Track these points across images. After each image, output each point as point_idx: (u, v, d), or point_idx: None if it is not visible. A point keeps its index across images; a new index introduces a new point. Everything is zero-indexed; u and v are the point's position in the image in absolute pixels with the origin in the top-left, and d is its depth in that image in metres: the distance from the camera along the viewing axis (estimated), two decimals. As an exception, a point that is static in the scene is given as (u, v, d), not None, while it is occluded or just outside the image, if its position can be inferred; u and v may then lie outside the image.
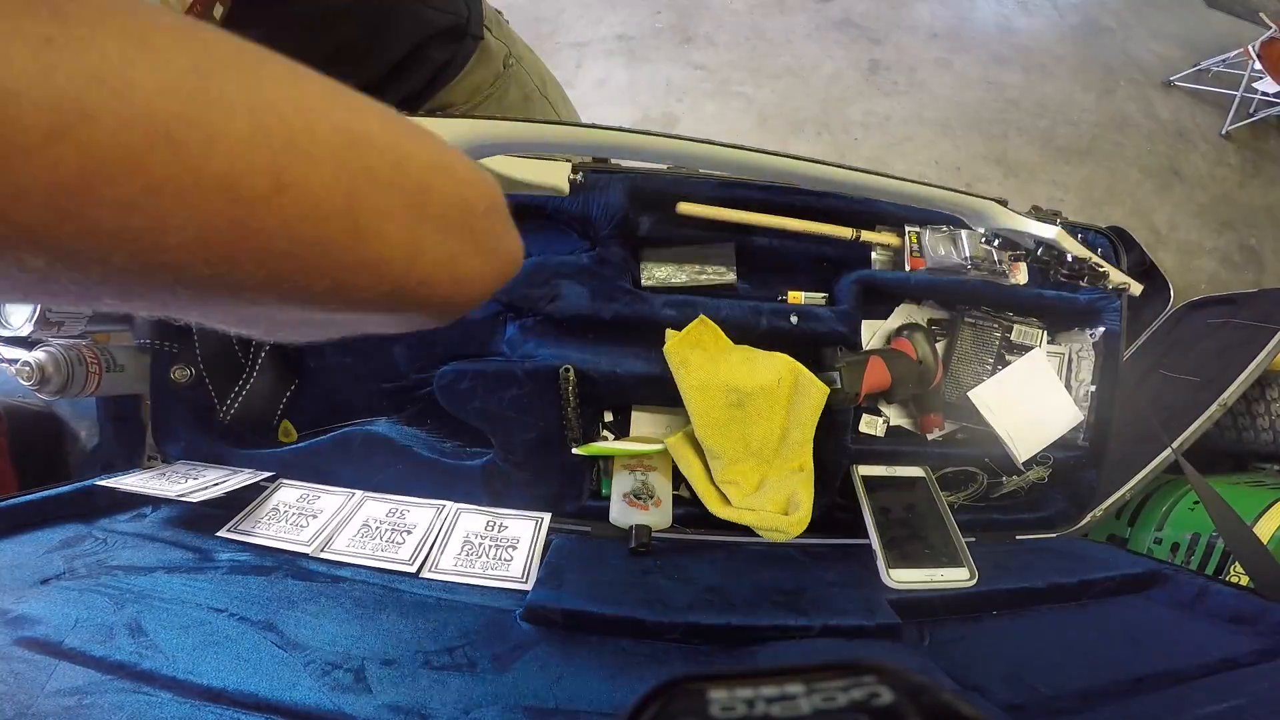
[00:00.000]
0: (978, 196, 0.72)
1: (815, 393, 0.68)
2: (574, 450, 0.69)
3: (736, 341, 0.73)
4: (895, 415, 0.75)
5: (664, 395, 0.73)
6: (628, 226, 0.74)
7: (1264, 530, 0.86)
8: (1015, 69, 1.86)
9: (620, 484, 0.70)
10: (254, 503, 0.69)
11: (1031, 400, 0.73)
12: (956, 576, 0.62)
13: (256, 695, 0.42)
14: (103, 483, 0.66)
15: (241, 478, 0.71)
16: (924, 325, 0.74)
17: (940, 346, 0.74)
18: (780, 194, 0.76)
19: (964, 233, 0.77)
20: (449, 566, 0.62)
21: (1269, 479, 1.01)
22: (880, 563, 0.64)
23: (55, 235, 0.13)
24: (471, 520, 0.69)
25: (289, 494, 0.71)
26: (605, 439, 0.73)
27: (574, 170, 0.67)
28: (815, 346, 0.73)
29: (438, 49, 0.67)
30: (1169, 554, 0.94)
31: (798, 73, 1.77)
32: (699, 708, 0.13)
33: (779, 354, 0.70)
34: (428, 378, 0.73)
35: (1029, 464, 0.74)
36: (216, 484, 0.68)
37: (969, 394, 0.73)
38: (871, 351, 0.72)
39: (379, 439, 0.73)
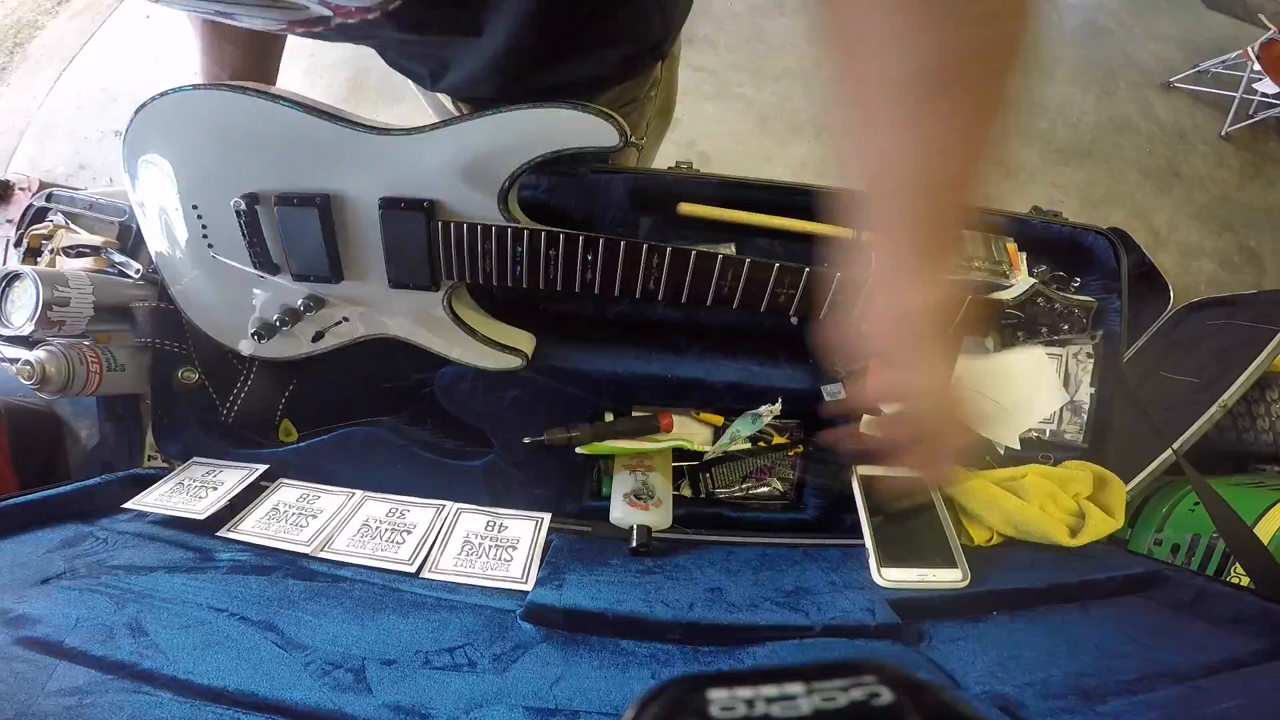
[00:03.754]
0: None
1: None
2: (576, 449, 0.69)
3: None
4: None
5: (664, 395, 0.73)
6: (628, 227, 0.74)
7: (1264, 531, 0.86)
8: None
9: (621, 484, 0.70)
10: (254, 502, 0.69)
11: (1016, 389, 0.72)
12: (949, 577, 0.62)
13: (257, 695, 0.42)
14: (129, 505, 0.65)
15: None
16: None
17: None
18: (781, 195, 0.76)
19: (964, 232, 0.77)
20: (449, 566, 0.62)
21: (1269, 480, 1.01)
22: (872, 561, 0.64)
23: None
24: (471, 520, 0.69)
25: (289, 494, 0.71)
26: (605, 439, 0.73)
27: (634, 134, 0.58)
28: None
29: (627, 48, 0.62)
30: (1169, 555, 0.94)
31: (798, 74, 1.77)
32: (699, 708, 0.13)
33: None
34: (428, 378, 0.73)
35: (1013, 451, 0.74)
36: (238, 491, 0.68)
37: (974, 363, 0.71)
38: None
39: (379, 439, 0.73)
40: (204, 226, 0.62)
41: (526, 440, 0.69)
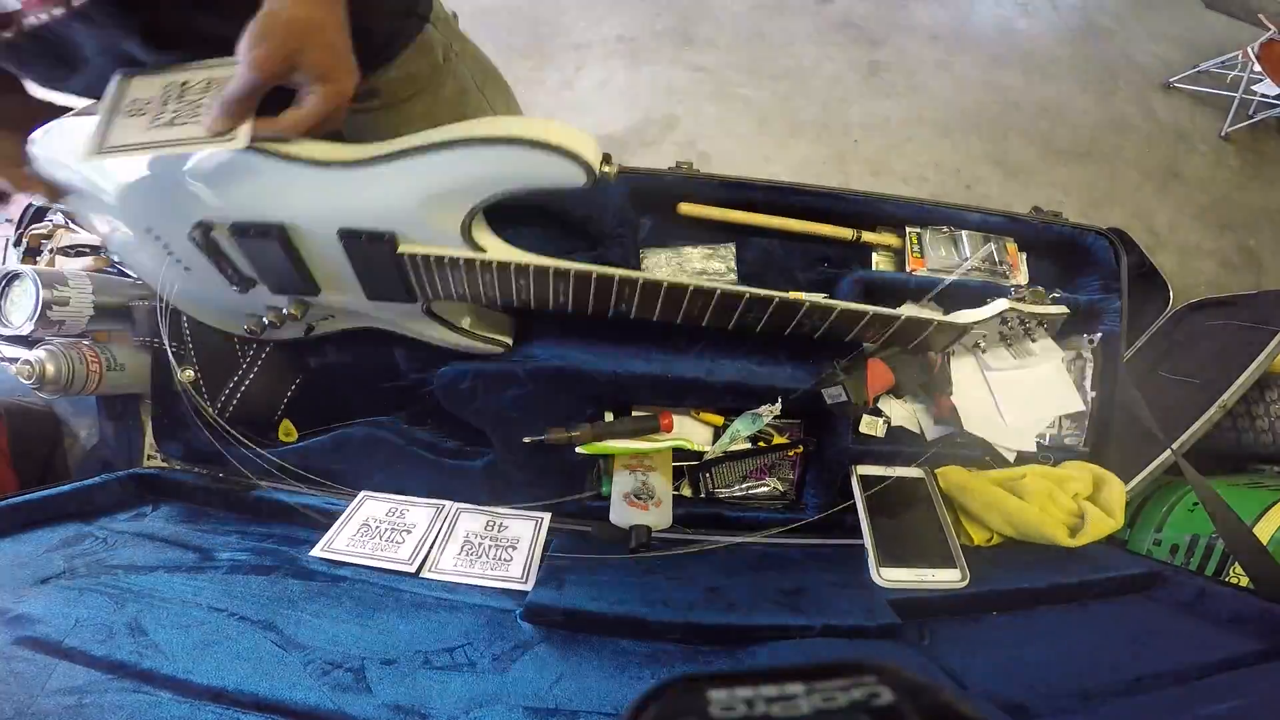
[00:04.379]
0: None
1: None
2: (576, 449, 0.69)
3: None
4: (901, 414, 0.75)
5: (664, 395, 0.73)
6: (628, 227, 0.74)
7: (1264, 531, 0.86)
8: (1015, 71, 1.87)
9: (621, 484, 0.70)
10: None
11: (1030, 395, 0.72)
12: (948, 577, 0.62)
13: (256, 695, 0.42)
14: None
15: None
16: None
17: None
18: (781, 195, 0.76)
19: (964, 233, 0.77)
20: (449, 566, 0.62)
21: (1268, 480, 1.01)
22: (871, 561, 0.64)
23: None
24: (471, 520, 0.69)
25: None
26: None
27: (606, 162, 0.51)
28: (818, 345, 0.73)
29: (378, 21, 0.56)
30: (1168, 555, 0.94)
31: (798, 74, 1.77)
32: (699, 708, 0.13)
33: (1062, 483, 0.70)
34: (428, 377, 0.73)
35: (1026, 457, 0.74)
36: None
37: (987, 375, 0.71)
38: (868, 354, 0.72)
39: (379, 439, 0.73)
40: (168, 249, 0.58)
41: (526, 440, 0.69)
